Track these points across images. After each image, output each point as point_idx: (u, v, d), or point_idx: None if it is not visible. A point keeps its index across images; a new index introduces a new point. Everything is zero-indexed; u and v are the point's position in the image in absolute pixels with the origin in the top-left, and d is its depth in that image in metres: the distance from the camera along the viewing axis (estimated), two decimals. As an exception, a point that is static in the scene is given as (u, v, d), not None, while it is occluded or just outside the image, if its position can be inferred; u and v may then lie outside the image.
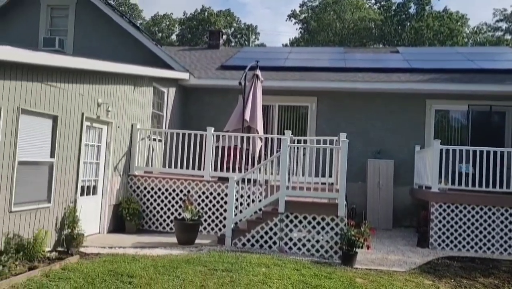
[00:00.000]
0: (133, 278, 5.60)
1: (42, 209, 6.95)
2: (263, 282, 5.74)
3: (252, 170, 8.71)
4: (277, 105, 12.67)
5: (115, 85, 8.99)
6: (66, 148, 7.49)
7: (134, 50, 12.73)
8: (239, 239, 8.12)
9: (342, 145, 8.00)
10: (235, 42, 41.69)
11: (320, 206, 8.07)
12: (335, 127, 11.71)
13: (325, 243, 7.87)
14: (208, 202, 9.49)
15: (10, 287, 5.02)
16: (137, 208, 9.28)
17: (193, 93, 12.89)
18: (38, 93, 6.69)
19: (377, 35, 35.29)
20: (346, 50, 17.09)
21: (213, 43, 17.65)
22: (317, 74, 12.86)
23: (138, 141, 9.88)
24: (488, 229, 8.82)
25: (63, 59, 7.15)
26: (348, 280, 6.18)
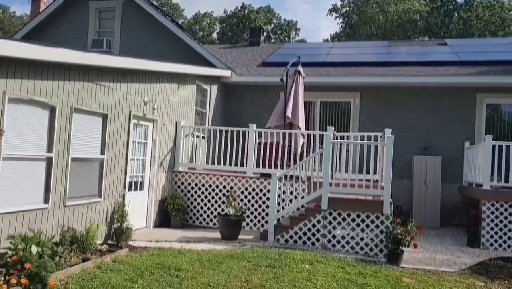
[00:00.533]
0: (180, 272, 5.74)
1: (93, 203, 7.27)
2: (307, 279, 5.73)
3: (295, 166, 8.69)
4: (319, 101, 12.54)
5: (160, 84, 9.24)
6: (115, 145, 7.78)
7: (177, 49, 13.01)
8: (282, 235, 8.13)
9: (387, 141, 7.82)
10: (275, 38, 41.61)
11: (365, 204, 7.93)
12: (379, 122, 11.44)
13: (370, 241, 7.73)
14: (250, 198, 9.57)
15: (66, 277, 5.30)
16: (181, 203, 9.50)
17: (234, 90, 13.01)
18: (89, 92, 6.99)
19: (422, 27, 34.08)
20: (390, 43, 16.64)
21: (254, 40, 17.72)
22: (360, 69, 12.62)
23: (182, 138, 10.10)
24: (546, 229, 8.33)
25: (112, 59, 7.43)
26: (394, 279, 6.05)
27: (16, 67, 5.54)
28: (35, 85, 5.86)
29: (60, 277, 5.20)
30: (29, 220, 5.88)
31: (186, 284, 5.24)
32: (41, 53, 5.71)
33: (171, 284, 5.24)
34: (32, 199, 6.00)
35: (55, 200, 6.35)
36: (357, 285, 5.62)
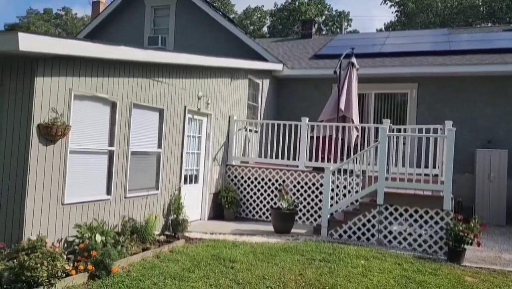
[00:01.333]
0: (235, 263, 5.84)
1: (151, 196, 7.55)
2: (363, 275, 5.62)
3: (348, 160, 8.51)
4: (373, 93, 12.19)
5: (214, 79, 9.39)
6: (171, 139, 8.02)
7: (229, 44, 13.15)
8: (335, 230, 8.02)
9: (448, 134, 7.45)
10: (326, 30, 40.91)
11: (423, 199, 7.62)
12: (438, 114, 10.94)
13: (429, 238, 7.43)
14: (303, 192, 9.52)
15: (128, 265, 5.56)
16: (235, 196, 9.64)
17: (286, 84, 12.95)
18: (147, 88, 7.24)
19: (485, 13, 32.05)
20: (450, 31, 15.81)
21: (306, 32, 17.53)
22: (418, 59, 12.10)
23: (235, 132, 10.22)
24: None
25: (168, 55, 7.64)
26: (456, 278, 5.78)
27: (81, 66, 5.85)
28: (97, 82, 6.17)
29: (122, 265, 5.46)
30: (93, 211, 6.22)
31: (241, 276, 5.31)
32: (106, 51, 5.99)
33: (226, 275, 5.34)
34: (96, 191, 6.33)
35: (116, 192, 6.67)
36: (416, 283, 5.43)
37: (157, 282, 4.94)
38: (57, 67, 5.49)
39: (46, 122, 5.32)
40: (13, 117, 5.32)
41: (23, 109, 5.26)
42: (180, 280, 5.06)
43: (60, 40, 5.30)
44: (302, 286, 5.06)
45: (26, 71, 5.25)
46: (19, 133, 5.27)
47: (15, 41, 4.67)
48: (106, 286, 4.75)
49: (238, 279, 5.18)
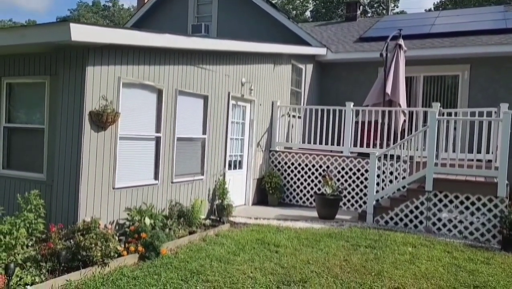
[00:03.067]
0: (279, 248, 5.88)
1: (197, 181, 7.71)
2: (410, 262, 5.49)
3: (395, 145, 8.28)
4: (422, 76, 11.71)
5: (257, 65, 9.38)
6: (215, 126, 8.13)
7: (271, 29, 13.05)
8: (381, 216, 7.87)
9: (504, 117, 7.05)
10: (372, 12, 39.61)
11: (475, 185, 7.30)
12: (492, 97, 10.36)
13: (481, 226, 7.13)
14: (347, 178, 9.38)
15: (175, 247, 5.74)
16: (278, 182, 9.66)
17: (330, 69, 12.71)
18: (191, 75, 7.36)
19: (545, -13, 29.75)
20: (507, 8, 14.82)
21: (350, 15, 17.05)
22: (471, 39, 11.46)
23: (278, 118, 10.20)
24: None
25: (212, 42, 7.70)
26: (510, 267, 5.53)
27: (128, 54, 6.02)
28: (144, 70, 6.33)
29: (170, 247, 5.65)
30: (142, 195, 6.45)
31: (286, 260, 5.35)
32: (151, 39, 6.12)
33: (271, 259, 5.40)
34: (144, 176, 6.55)
35: (163, 177, 6.87)
36: (467, 272, 5.24)
37: (204, 264, 5.07)
38: (106, 56, 5.68)
39: (97, 109, 5.54)
40: (67, 105, 5.58)
41: (76, 97, 5.51)
42: (226, 262, 5.17)
43: (109, 29, 5.47)
44: (348, 272, 5.02)
45: (78, 61, 5.48)
46: (73, 120, 5.53)
47: (67, 31, 4.87)
48: (155, 266, 4.94)
49: (283, 263, 5.22)
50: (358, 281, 4.74)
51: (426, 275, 5.05)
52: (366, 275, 4.93)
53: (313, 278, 4.75)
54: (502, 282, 4.93)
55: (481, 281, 4.91)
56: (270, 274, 4.85)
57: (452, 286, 4.77)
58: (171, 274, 4.69)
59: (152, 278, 4.58)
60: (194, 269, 4.87)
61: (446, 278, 4.99)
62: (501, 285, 4.84)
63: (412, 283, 4.76)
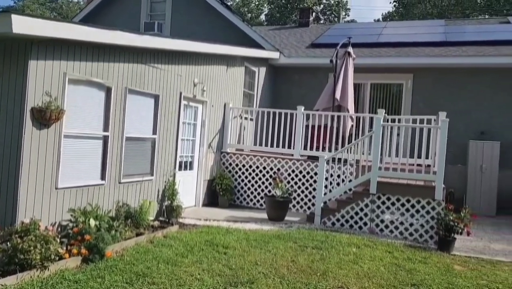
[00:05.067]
0: (228, 249, 5.90)
1: (146, 181, 7.57)
2: (354, 262, 5.70)
3: (343, 149, 8.56)
4: (369, 83, 12.20)
5: (210, 66, 9.36)
6: (166, 126, 8.02)
7: (226, 31, 13.07)
8: (329, 218, 8.10)
9: (442, 125, 7.50)
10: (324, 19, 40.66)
11: (415, 188, 7.70)
12: (433, 105, 10.97)
13: (420, 227, 7.53)
14: (297, 180, 9.57)
15: (121, 249, 5.60)
16: (229, 183, 9.68)
17: (282, 72, 12.93)
18: (142, 74, 7.22)
19: (482, 5, 31.97)
20: (447, 22, 15.78)
21: (303, 21, 17.44)
22: (414, 50, 12.10)
23: (231, 120, 10.23)
24: None
25: (164, 41, 7.59)
26: (445, 266, 5.88)
27: (76, 49, 5.81)
28: (92, 67, 6.13)
29: (116, 249, 5.50)
30: (87, 195, 6.23)
31: (234, 261, 5.37)
32: (100, 35, 5.94)
33: (219, 260, 5.40)
34: (90, 176, 6.34)
35: (111, 177, 6.68)
36: (406, 271, 5.52)
37: (151, 266, 4.99)
38: (51, 51, 5.45)
39: (40, 106, 5.30)
40: (6, 100, 5.29)
41: (17, 92, 5.23)
42: (173, 264, 5.11)
43: (53, 22, 5.25)
44: (294, 272, 5.13)
45: (20, 54, 5.21)
46: (13, 117, 5.25)
47: (8, 23, 4.63)
48: (99, 269, 4.79)
49: (231, 265, 5.24)
50: (304, 281, 4.85)
51: (368, 275, 5.26)
52: (312, 275, 5.06)
53: (260, 279, 4.81)
54: (437, 280, 5.24)
55: (418, 280, 5.19)
56: (218, 275, 4.85)
57: (392, 284, 5.00)
58: (115, 277, 4.57)
59: (95, 282, 4.44)
60: (140, 272, 4.77)
61: (386, 277, 5.23)
62: (436, 283, 5.14)
63: (355, 282, 4.95)
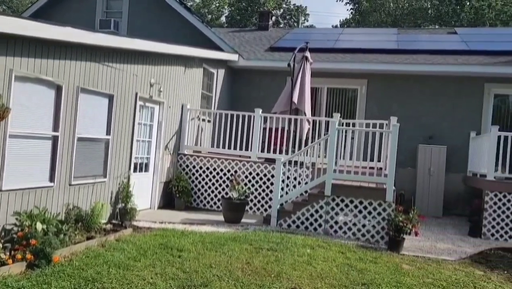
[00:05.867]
0: (182, 252, 5.83)
1: (99, 183, 7.35)
2: (308, 263, 5.79)
3: (299, 152, 8.70)
4: (326, 87, 12.48)
5: (167, 66, 9.23)
6: (121, 126, 7.83)
7: (184, 31, 12.95)
8: (285, 220, 8.19)
9: (393, 129, 7.79)
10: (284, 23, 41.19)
11: (368, 191, 7.95)
12: (386, 110, 11.39)
13: (372, 228, 7.77)
14: (254, 183, 9.62)
15: (70, 254, 5.40)
16: (186, 186, 9.58)
17: (241, 75, 12.97)
18: (95, 73, 7.01)
19: (433, 15, 33.54)
20: (400, 31, 16.44)
21: (263, 24, 17.58)
22: (369, 56, 12.50)
23: (188, 121, 10.13)
24: (549, 221, 8.33)
25: (119, 40, 7.42)
26: (394, 265, 6.10)
27: (23, 45, 5.56)
28: (41, 64, 5.89)
29: (64, 254, 5.30)
30: (34, 198, 5.97)
31: (188, 264, 5.32)
32: (47, 30, 5.71)
33: (173, 263, 5.33)
34: (37, 177, 6.07)
35: (60, 179, 6.43)
36: (357, 270, 5.68)
37: (101, 271, 4.84)
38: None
39: (-16, 103, 5.02)
40: None
41: (-42, 89, 4.94)
42: (125, 269, 4.99)
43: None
44: (249, 274, 5.15)
45: (-38, 48, 4.93)
46: (-47, 114, 4.94)
47: (-51, 15, 4.36)
48: (45, 275, 4.60)
49: (185, 268, 5.18)
50: (258, 283, 4.88)
51: (321, 275, 5.37)
52: (266, 277, 5.10)
53: (215, 281, 4.79)
54: (386, 279, 5.42)
55: (368, 279, 5.36)
56: (171, 279, 4.79)
57: (343, 284, 5.13)
58: (63, 283, 4.40)
59: (40, 288, 4.25)
60: (90, 277, 4.62)
61: (338, 277, 5.36)
62: (385, 282, 5.32)
63: (308, 283, 5.03)
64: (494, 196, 8.59)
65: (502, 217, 8.54)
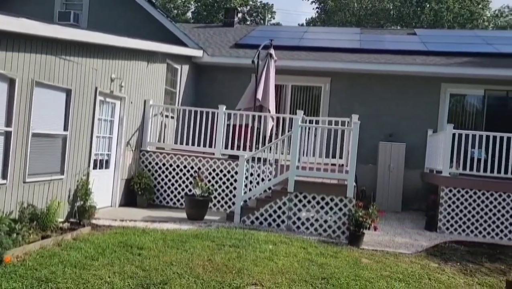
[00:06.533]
0: (142, 250, 5.73)
1: (56, 180, 7.10)
2: (270, 259, 5.83)
3: (262, 148, 8.74)
4: (290, 85, 12.58)
5: (129, 61, 9.03)
6: (80, 122, 7.59)
7: (148, 26, 12.71)
8: (248, 216, 8.21)
9: (354, 127, 7.96)
10: (250, 21, 41.19)
11: (329, 187, 8.09)
12: (349, 108, 11.62)
13: (333, 223, 7.92)
14: (218, 180, 9.59)
15: (23, 254, 5.19)
16: (148, 183, 9.42)
17: (206, 71, 12.87)
18: (52, 66, 6.76)
19: (395, 16, 34.50)
20: (363, 31, 16.80)
21: (228, 21, 17.51)
22: (332, 55, 12.70)
23: (151, 117, 9.96)
24: (498, 215, 8.76)
25: (78, 33, 7.18)
26: (353, 259, 6.24)
27: (-27, 36, 5.29)
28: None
29: (17, 254, 5.09)
30: (-14, 196, 5.70)
31: (148, 262, 5.24)
32: (3, 22, 5.45)
33: (132, 262, 5.23)
34: (-11, 174, 5.81)
35: (14, 176, 6.17)
36: (318, 265, 5.77)
37: (55, 271, 4.68)
38: None
39: None
40: None
41: None
42: (81, 268, 4.85)
43: None
44: (210, 271, 5.13)
45: None
46: None
47: None
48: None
49: (145, 266, 5.10)
50: (219, 279, 4.87)
51: (282, 270, 5.41)
52: (227, 274, 5.10)
53: (174, 279, 4.74)
54: (345, 272, 5.54)
55: (328, 273, 5.45)
56: (130, 277, 4.70)
57: (303, 279, 5.19)
58: (14, 284, 4.23)
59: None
60: (43, 277, 4.46)
61: (299, 272, 5.42)
62: (344, 275, 5.43)
63: (269, 279, 5.07)
64: (449, 192, 8.95)
65: (456, 212, 8.91)
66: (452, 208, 8.92)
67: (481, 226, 8.81)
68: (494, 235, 8.75)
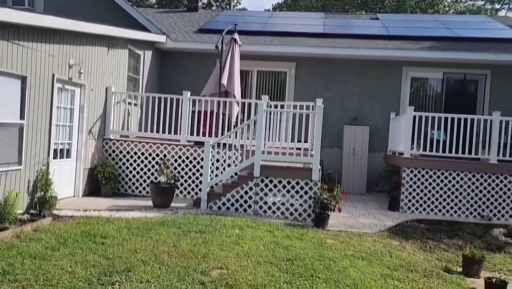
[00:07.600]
0: (106, 239, 5.64)
1: (13, 171, 6.84)
2: (236, 243, 5.86)
3: (228, 134, 8.71)
4: (255, 70, 12.55)
5: (88, 46, 8.73)
6: (37, 110, 7.31)
7: (109, 11, 12.31)
8: (215, 202, 8.21)
9: (318, 111, 8.04)
10: (216, 6, 40.62)
11: (295, 171, 8.17)
12: (313, 93, 11.73)
13: (299, 207, 8.03)
14: (184, 166, 9.51)
15: (-21, 247, 5.01)
16: (112, 171, 9.23)
17: (170, 57, 12.64)
18: (4, 52, 6.44)
19: (359, 1, 34.89)
20: (327, 15, 16.89)
21: (192, 5, 17.21)
22: (297, 39, 12.72)
23: (113, 105, 9.71)
24: (456, 193, 9.13)
25: (32, 16, 6.85)
26: (318, 241, 6.36)
27: None
28: None
29: (-28, 247, 4.90)
30: None
31: (112, 251, 5.16)
32: None
33: (95, 251, 5.14)
34: None
35: (-33, 167, 5.90)
36: (283, 247, 5.85)
37: (13, 262, 4.54)
38: None
39: None
40: None
41: None
42: (41, 259, 4.72)
43: None
44: (175, 257, 5.10)
45: None
46: None
47: None
48: (-51, 271, 4.23)
49: (108, 255, 5.01)
50: (184, 265, 4.86)
51: (248, 254, 5.46)
52: (193, 259, 5.09)
53: (139, 266, 4.69)
54: (310, 253, 5.64)
55: (293, 255, 5.54)
56: (92, 266, 4.61)
57: (269, 261, 5.25)
58: (-32, 278, 4.08)
59: None
60: (0, 270, 4.32)
61: (265, 254, 5.48)
62: (309, 256, 5.54)
63: (234, 262, 5.10)
64: (410, 172, 9.24)
65: (417, 192, 9.22)
66: (414, 188, 9.22)
67: (440, 205, 9.16)
68: (453, 212, 9.13)
